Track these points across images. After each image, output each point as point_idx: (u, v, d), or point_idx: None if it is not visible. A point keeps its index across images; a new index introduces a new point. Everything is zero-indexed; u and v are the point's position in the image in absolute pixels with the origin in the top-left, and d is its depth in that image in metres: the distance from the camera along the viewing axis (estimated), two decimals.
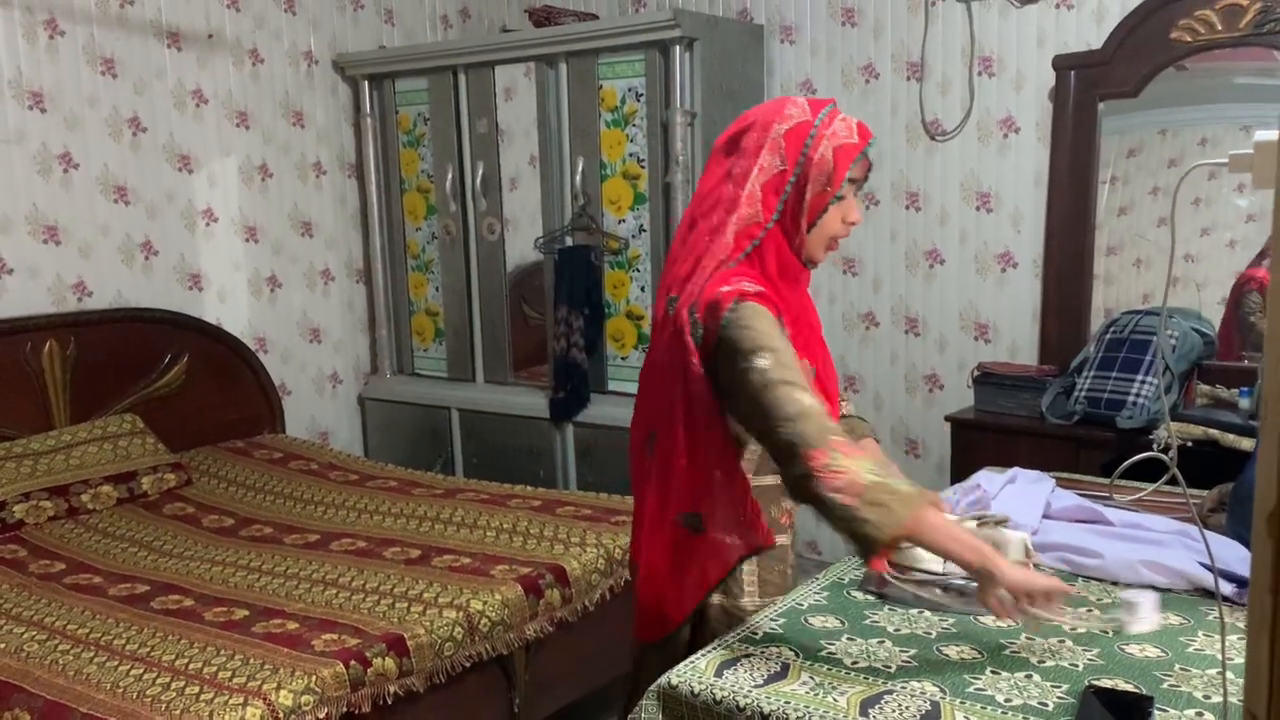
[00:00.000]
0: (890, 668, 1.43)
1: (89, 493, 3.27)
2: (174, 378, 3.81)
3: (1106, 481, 2.06)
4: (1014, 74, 3.50)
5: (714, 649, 1.51)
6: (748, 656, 1.47)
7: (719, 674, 1.42)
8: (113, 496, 3.31)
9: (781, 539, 1.67)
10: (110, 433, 3.48)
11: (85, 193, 3.62)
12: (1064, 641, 1.50)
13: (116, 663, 2.21)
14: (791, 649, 1.49)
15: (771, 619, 1.59)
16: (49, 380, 3.47)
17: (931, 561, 1.67)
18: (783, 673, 1.41)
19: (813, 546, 4.13)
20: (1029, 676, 1.39)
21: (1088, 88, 3.31)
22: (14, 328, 3.41)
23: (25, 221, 3.49)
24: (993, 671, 1.41)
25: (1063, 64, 3.34)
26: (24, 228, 3.48)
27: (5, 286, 3.45)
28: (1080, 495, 2.01)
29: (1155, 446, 2.85)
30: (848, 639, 1.52)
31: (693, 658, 1.49)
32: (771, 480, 1.60)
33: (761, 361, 1.46)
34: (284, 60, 4.18)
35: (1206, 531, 1.69)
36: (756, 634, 1.54)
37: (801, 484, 1.42)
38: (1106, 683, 1.36)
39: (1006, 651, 1.47)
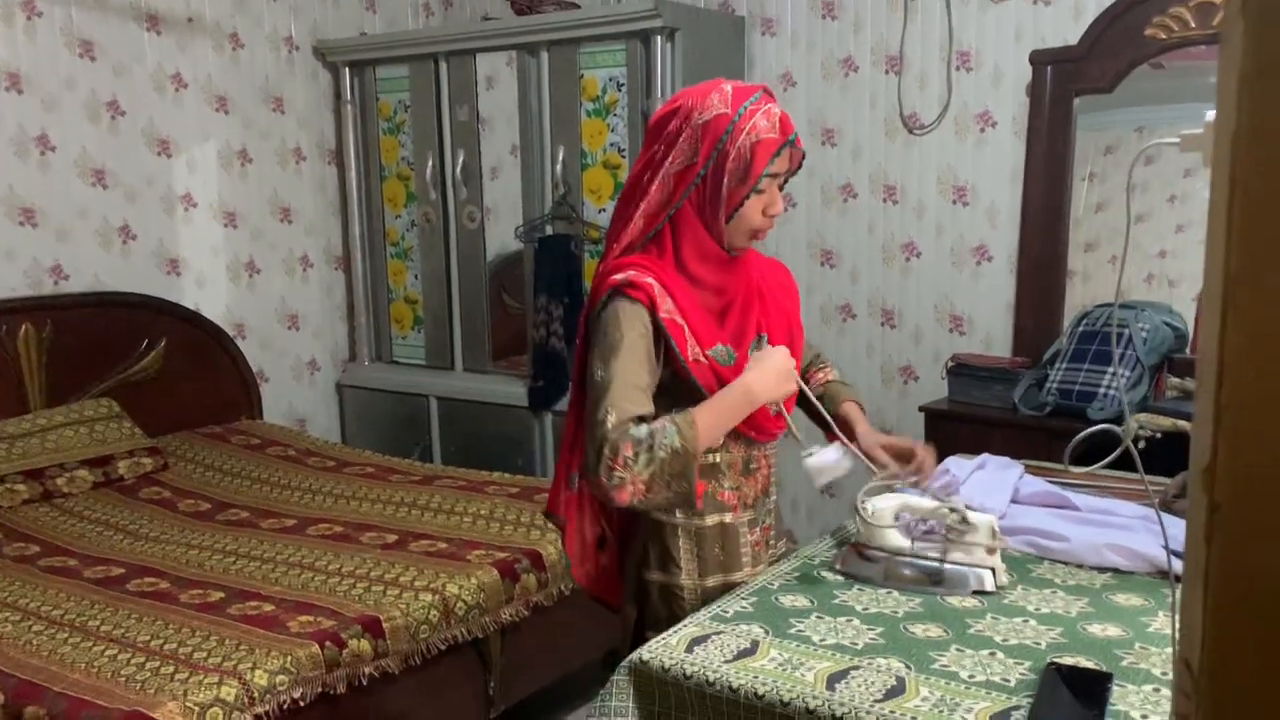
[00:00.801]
0: (858, 645, 1.45)
1: (65, 476, 3.27)
2: (151, 362, 3.80)
3: (1075, 469, 2.10)
4: (991, 69, 3.53)
5: (685, 626, 1.53)
6: (718, 634, 1.49)
7: (689, 650, 1.44)
8: (89, 480, 3.30)
9: (720, 518, 1.71)
10: (87, 417, 3.47)
11: (63, 176, 3.61)
12: (1028, 621, 1.53)
13: (91, 643, 2.21)
14: (761, 627, 1.51)
15: (742, 598, 1.62)
16: (24, 363, 3.46)
17: (899, 540, 1.70)
18: (752, 649, 1.44)
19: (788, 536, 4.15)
20: (992, 654, 1.42)
21: (1064, 83, 3.34)
22: None
23: (1, 204, 3.47)
24: (957, 649, 1.44)
25: (1039, 59, 3.37)
26: (0, 210, 3.47)
27: None
28: (1048, 481, 2.04)
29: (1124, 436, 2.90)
30: (816, 617, 1.55)
31: (664, 635, 1.51)
32: (708, 459, 1.67)
33: (599, 372, 1.55)
34: (265, 45, 4.17)
35: (1166, 515, 1.72)
36: (727, 613, 1.56)
37: (601, 491, 1.53)
38: (1068, 660, 1.39)
39: (971, 630, 1.50)
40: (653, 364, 1.58)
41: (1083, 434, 1.83)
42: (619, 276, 1.59)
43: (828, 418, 1.80)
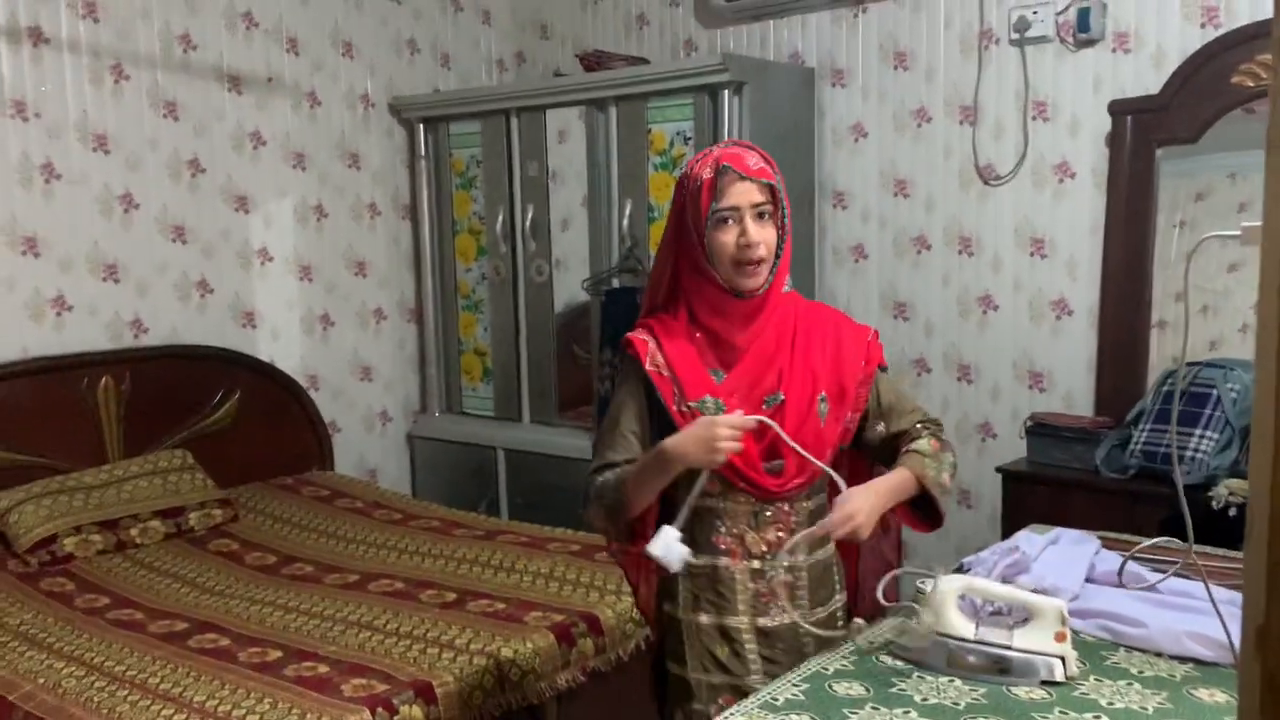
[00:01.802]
0: None
1: (138, 527, 3.32)
2: (225, 414, 3.87)
3: (1157, 543, 1.98)
4: (1069, 119, 3.43)
5: (733, 714, 1.46)
6: None
7: None
8: (160, 531, 3.35)
9: (713, 561, 1.74)
10: (161, 468, 3.54)
11: (144, 232, 3.72)
12: (1099, 717, 1.43)
13: (149, 702, 2.22)
14: (812, 717, 1.44)
15: (794, 684, 1.55)
16: (103, 415, 3.55)
17: (963, 624, 1.61)
18: None
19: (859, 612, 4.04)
20: None
21: (1145, 133, 3.23)
22: (72, 363, 3.49)
23: (86, 260, 3.58)
24: None
25: (1119, 109, 3.27)
26: (84, 266, 3.58)
27: (64, 323, 3.54)
28: (1127, 557, 1.93)
29: (1214, 504, 2.75)
30: (872, 708, 1.47)
31: None
32: (706, 502, 1.73)
33: (604, 421, 1.79)
34: (341, 103, 4.26)
35: None
36: (777, 700, 1.49)
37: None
38: None
39: None
40: (642, 414, 1.75)
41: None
42: (627, 335, 1.78)
43: (839, 481, 1.71)
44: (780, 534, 1.74)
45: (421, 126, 4.37)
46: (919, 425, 1.83)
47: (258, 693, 2.24)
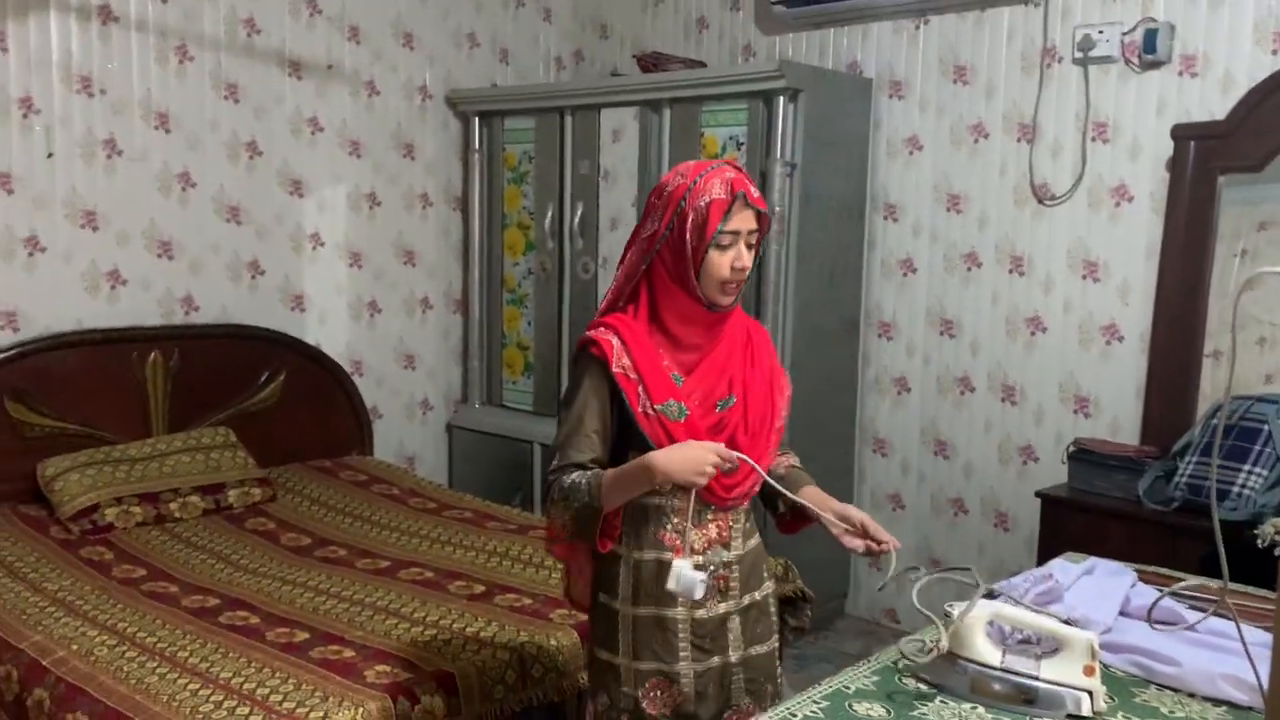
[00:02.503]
0: None
1: (177, 501, 3.37)
2: (270, 394, 3.92)
3: (1193, 583, 1.94)
4: (1130, 141, 3.37)
5: None
6: None
7: None
8: (199, 507, 3.41)
9: (658, 555, 1.77)
10: (204, 444, 3.59)
11: (200, 211, 3.77)
12: None
13: (177, 675, 2.25)
14: None
15: (814, 701, 1.53)
16: (151, 389, 3.61)
17: (990, 650, 1.59)
18: None
19: (891, 615, 4.00)
20: None
21: (1208, 160, 3.16)
22: (123, 336, 3.56)
23: (142, 236, 3.65)
24: None
25: (1182, 134, 3.20)
26: (140, 241, 3.64)
27: (118, 296, 3.60)
28: (1163, 592, 1.89)
29: (1260, 543, 2.68)
30: None
31: None
32: (653, 500, 1.77)
33: (561, 417, 1.80)
34: (399, 93, 4.30)
35: None
36: (795, 716, 1.48)
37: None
38: None
39: None
40: (605, 413, 1.76)
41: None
42: (587, 334, 1.79)
43: (802, 501, 1.82)
44: (720, 529, 1.81)
45: (477, 120, 4.40)
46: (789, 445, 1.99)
47: (282, 673, 2.26)
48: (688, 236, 1.72)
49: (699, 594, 1.67)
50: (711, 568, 1.78)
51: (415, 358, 4.50)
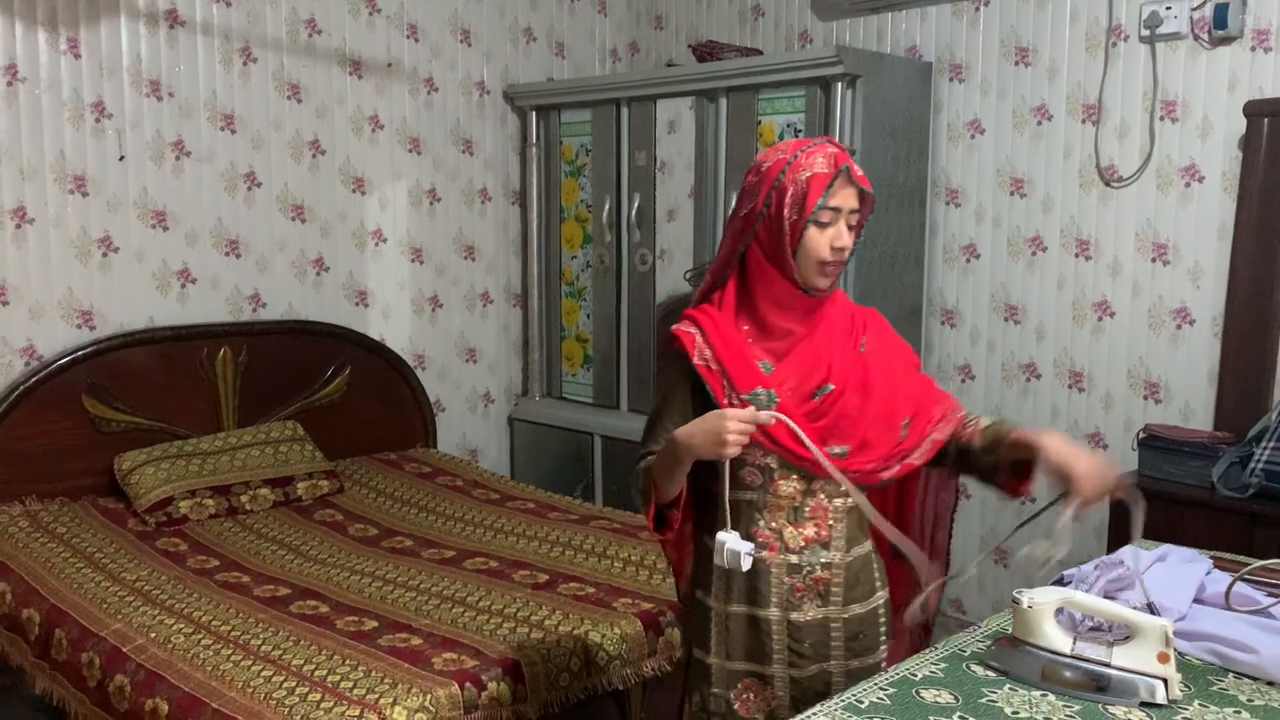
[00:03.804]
0: None
1: (248, 494, 3.45)
2: (336, 389, 3.99)
3: (1269, 563, 1.89)
4: (1200, 119, 3.28)
5: (815, 714, 1.45)
6: None
7: None
8: (269, 499, 3.48)
9: (755, 554, 1.70)
10: (273, 438, 3.67)
11: (266, 210, 3.85)
12: None
13: (250, 662, 2.31)
14: None
15: (881, 687, 1.52)
16: (221, 385, 3.69)
17: (1061, 637, 1.56)
18: None
19: (957, 605, 3.96)
20: None
21: None
22: (193, 334, 3.64)
23: (210, 235, 3.73)
24: None
25: (1255, 111, 3.11)
26: (209, 241, 3.73)
27: (188, 295, 3.69)
28: (1240, 579, 1.84)
29: None
30: (959, 718, 1.44)
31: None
32: (745, 495, 1.73)
33: (651, 411, 1.80)
34: (457, 90, 4.34)
35: None
36: (861, 703, 1.47)
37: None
38: None
39: None
40: (686, 406, 1.73)
41: None
42: (672, 329, 1.76)
43: (900, 541, 1.76)
44: (818, 529, 1.74)
45: (534, 114, 4.42)
46: (970, 415, 1.82)
47: (352, 660, 2.31)
48: (785, 212, 1.64)
49: (747, 565, 1.62)
50: (807, 568, 1.74)
51: (476, 351, 4.55)
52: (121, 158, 3.52)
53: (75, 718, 2.50)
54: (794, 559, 1.74)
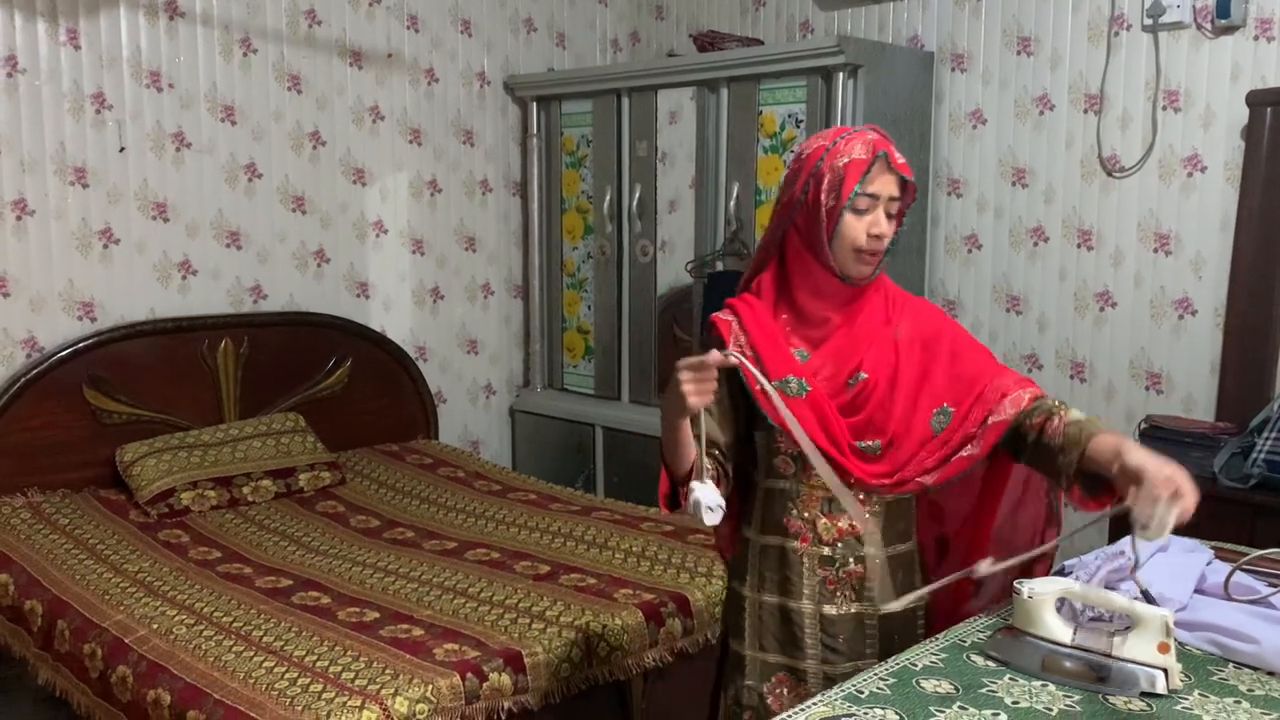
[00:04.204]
0: None
1: (250, 485, 3.45)
2: (337, 380, 3.99)
3: (1269, 553, 1.89)
4: (1203, 109, 3.27)
5: (815, 704, 1.45)
6: (849, 716, 1.40)
7: None
8: (271, 490, 3.48)
9: (781, 541, 1.75)
10: (274, 429, 3.67)
11: (266, 202, 3.84)
12: None
13: (252, 653, 2.31)
14: (897, 713, 1.41)
15: (880, 677, 1.52)
16: (222, 376, 3.69)
17: (1061, 628, 1.56)
18: None
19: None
20: None
21: None
22: (194, 325, 3.64)
23: (211, 226, 3.73)
24: None
25: (1258, 100, 3.10)
26: (209, 232, 3.73)
27: (189, 286, 3.69)
28: (1241, 569, 1.84)
29: None
30: (959, 708, 1.44)
31: (791, 712, 1.44)
32: (778, 484, 1.75)
33: None
34: (458, 80, 4.33)
35: None
36: (862, 693, 1.47)
37: None
38: None
39: None
40: (721, 392, 1.66)
41: None
42: (711, 316, 1.77)
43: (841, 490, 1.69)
44: (853, 523, 1.72)
45: (535, 105, 4.42)
46: (1043, 403, 1.72)
47: (354, 651, 2.31)
48: (823, 198, 1.64)
49: (708, 520, 1.56)
50: (840, 561, 1.73)
51: (478, 343, 4.55)
52: (122, 149, 3.51)
53: (78, 709, 2.51)
54: (826, 551, 1.73)
